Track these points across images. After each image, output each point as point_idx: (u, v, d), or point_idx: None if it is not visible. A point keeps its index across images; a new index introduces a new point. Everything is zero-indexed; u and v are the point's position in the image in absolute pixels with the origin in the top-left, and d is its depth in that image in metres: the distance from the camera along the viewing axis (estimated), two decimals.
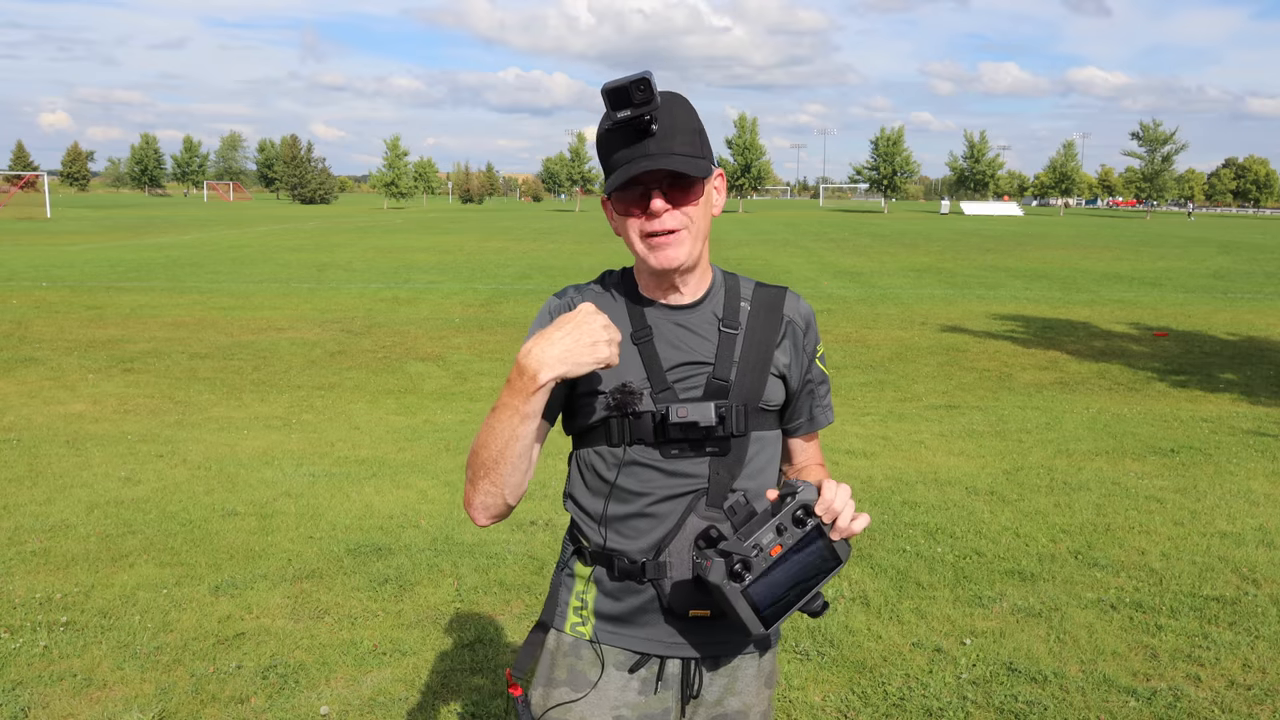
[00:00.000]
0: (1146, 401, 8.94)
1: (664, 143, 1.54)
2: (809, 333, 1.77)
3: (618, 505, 1.66)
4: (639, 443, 1.63)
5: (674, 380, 1.64)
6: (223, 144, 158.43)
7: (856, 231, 45.55)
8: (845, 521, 1.51)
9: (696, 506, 1.64)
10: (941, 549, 5.01)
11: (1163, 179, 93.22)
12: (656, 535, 1.65)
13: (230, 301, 15.91)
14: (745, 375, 1.66)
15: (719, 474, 1.65)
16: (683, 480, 1.64)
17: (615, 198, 1.61)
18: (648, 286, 1.70)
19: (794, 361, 1.73)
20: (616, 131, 1.55)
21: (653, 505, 1.65)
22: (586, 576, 1.71)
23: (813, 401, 1.80)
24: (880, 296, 17.57)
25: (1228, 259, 28.77)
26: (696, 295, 1.70)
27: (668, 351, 1.65)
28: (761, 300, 1.73)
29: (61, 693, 3.52)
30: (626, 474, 1.65)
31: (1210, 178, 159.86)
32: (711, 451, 1.64)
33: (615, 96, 1.50)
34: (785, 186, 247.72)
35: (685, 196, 1.59)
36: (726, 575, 1.48)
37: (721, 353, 1.66)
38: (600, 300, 1.71)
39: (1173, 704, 3.47)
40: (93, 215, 56.89)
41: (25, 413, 8.02)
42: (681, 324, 1.67)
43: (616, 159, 1.57)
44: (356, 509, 5.61)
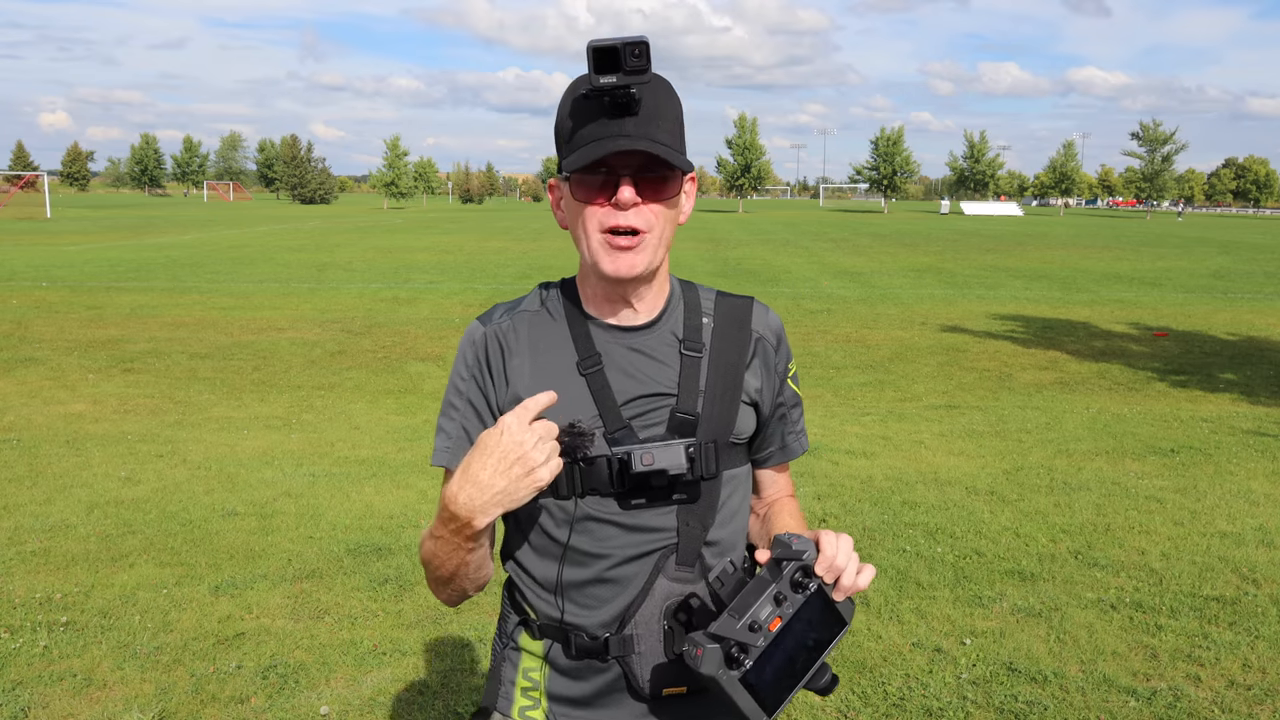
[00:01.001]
0: (1146, 401, 8.94)
1: (645, 125, 1.32)
2: (780, 349, 1.53)
3: (573, 570, 1.42)
4: (593, 494, 1.38)
5: (631, 416, 1.39)
6: (223, 144, 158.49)
7: (856, 231, 45.55)
8: (850, 579, 1.30)
9: (665, 566, 1.40)
10: (941, 549, 5.01)
11: (1163, 179, 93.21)
12: (620, 604, 1.41)
13: (230, 301, 15.91)
14: (714, 406, 1.42)
15: (689, 525, 1.41)
16: (647, 536, 1.40)
17: (576, 180, 1.35)
18: (594, 301, 1.45)
19: (765, 385, 1.50)
20: (593, 100, 1.31)
21: (614, 568, 1.40)
22: (537, 653, 1.47)
23: (785, 428, 1.57)
24: (880, 296, 17.57)
25: (1228, 259, 28.77)
26: (653, 313, 1.45)
27: (622, 382, 1.40)
28: (726, 315, 1.49)
29: (61, 693, 3.52)
30: (580, 532, 1.40)
31: (1210, 178, 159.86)
32: (679, 499, 1.40)
33: (603, 57, 1.26)
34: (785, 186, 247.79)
35: (658, 192, 1.36)
36: (722, 663, 1.24)
37: (685, 381, 1.42)
38: (536, 320, 1.46)
39: (1173, 704, 3.47)
40: (93, 215, 56.89)
41: (25, 413, 8.02)
42: (637, 348, 1.43)
43: (585, 133, 1.33)
44: (356, 509, 5.61)
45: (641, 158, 1.32)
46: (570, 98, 1.35)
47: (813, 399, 8.98)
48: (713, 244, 33.41)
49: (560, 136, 1.38)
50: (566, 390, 1.38)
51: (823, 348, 11.84)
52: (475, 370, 1.45)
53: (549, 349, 1.43)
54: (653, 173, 1.34)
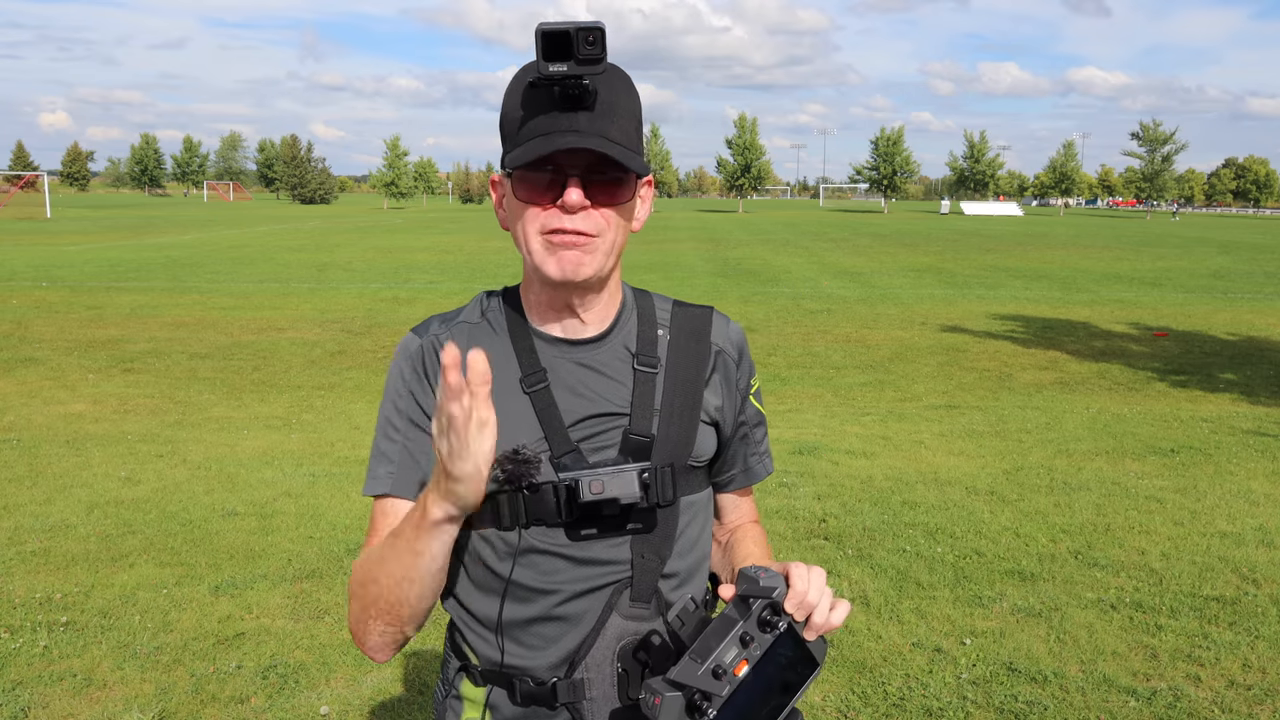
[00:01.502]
0: (1146, 401, 8.94)
1: (597, 121, 1.19)
2: (742, 364, 1.41)
3: (516, 607, 1.29)
4: (538, 524, 1.26)
5: (579, 439, 1.27)
6: (223, 144, 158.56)
7: (856, 231, 45.55)
8: (823, 617, 1.17)
9: (618, 603, 1.28)
10: (941, 549, 5.01)
11: (1163, 179, 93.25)
12: (568, 644, 1.29)
13: (230, 301, 15.91)
14: (670, 426, 1.30)
15: (645, 557, 1.29)
16: (598, 570, 1.28)
17: (519, 177, 1.23)
18: (538, 310, 1.33)
19: (726, 402, 1.38)
20: (541, 91, 1.18)
21: (561, 605, 1.28)
22: (479, 700, 1.34)
23: (747, 449, 1.44)
24: (880, 296, 17.57)
25: (1228, 259, 28.77)
26: (603, 324, 1.33)
27: (569, 401, 1.28)
28: (683, 326, 1.37)
29: (61, 693, 3.52)
30: (524, 565, 1.28)
31: (1210, 178, 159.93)
32: (634, 529, 1.28)
33: (553, 43, 1.13)
34: (785, 186, 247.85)
35: (610, 195, 1.23)
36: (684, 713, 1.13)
37: (639, 399, 1.30)
38: (476, 333, 1.34)
39: (1173, 704, 3.47)
40: (93, 215, 56.90)
41: (25, 413, 8.02)
42: (585, 363, 1.31)
43: (531, 127, 1.20)
44: (356, 509, 5.61)
45: (592, 157, 1.20)
46: (517, 86, 1.22)
47: (812, 399, 8.98)
48: (713, 244, 33.42)
49: (504, 128, 1.25)
50: (509, 410, 1.25)
51: (823, 348, 11.84)
52: (414, 384, 1.32)
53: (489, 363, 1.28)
54: (604, 174, 1.22)
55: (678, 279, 20.16)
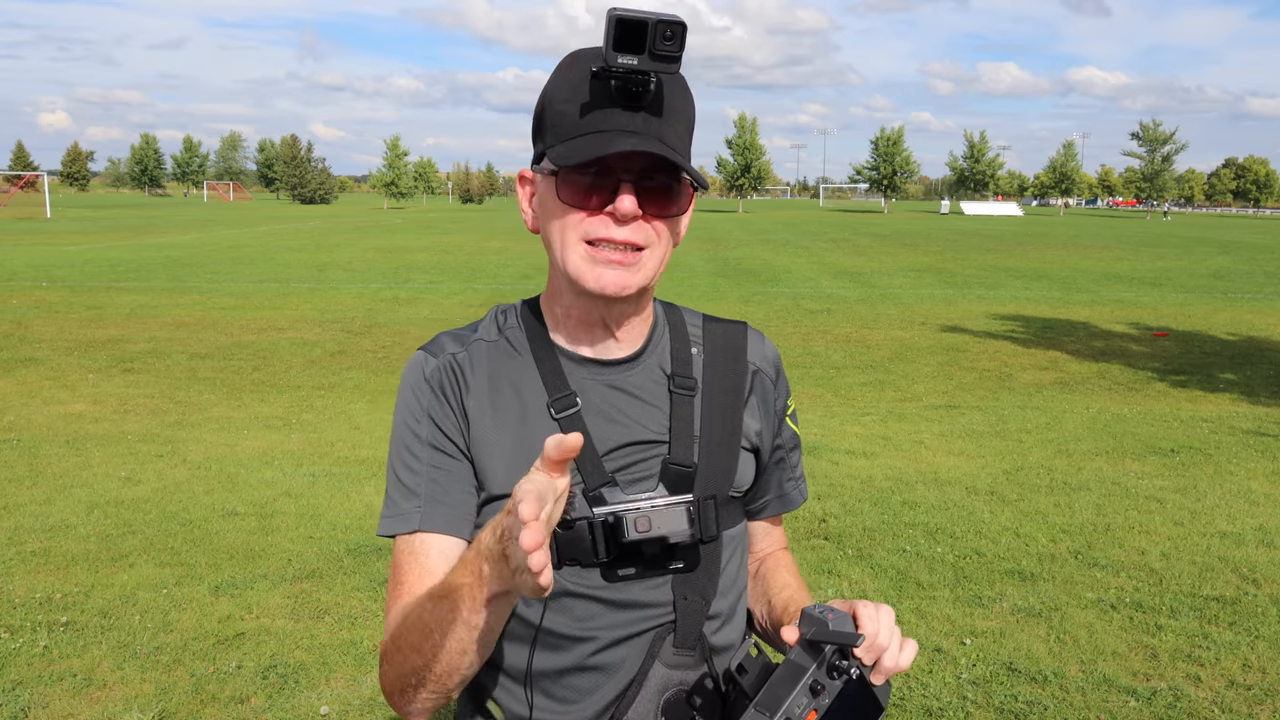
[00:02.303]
0: (1146, 401, 8.94)
1: (659, 125, 1.09)
2: (779, 383, 1.32)
3: (547, 656, 1.17)
4: (572, 564, 1.14)
5: (615, 469, 1.16)
6: (223, 144, 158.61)
7: (856, 231, 45.55)
8: (893, 660, 1.07)
9: (661, 650, 1.17)
10: (941, 549, 5.01)
11: (1163, 179, 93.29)
12: (605, 696, 1.17)
13: (230, 301, 15.91)
14: (712, 455, 1.20)
15: (688, 599, 1.18)
16: (638, 614, 1.16)
17: (565, 177, 1.11)
18: (566, 325, 1.21)
19: (764, 426, 1.28)
20: (600, 82, 1.07)
21: (598, 653, 1.17)
22: None
23: (783, 474, 1.34)
24: (880, 296, 17.57)
25: (1228, 259, 28.77)
26: (636, 344, 1.23)
27: (603, 428, 1.17)
28: (717, 344, 1.27)
29: (61, 693, 3.52)
30: (556, 610, 1.16)
31: (1210, 178, 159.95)
32: (676, 568, 1.17)
33: (627, 32, 1.01)
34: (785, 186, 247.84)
35: (664, 206, 1.13)
36: None
37: (678, 425, 1.19)
38: (495, 352, 1.22)
39: (1173, 704, 3.47)
40: (93, 215, 56.90)
41: (25, 413, 8.02)
42: (619, 386, 1.20)
43: (585, 122, 1.08)
44: (356, 509, 5.61)
45: (648, 161, 1.09)
46: (570, 73, 1.11)
47: (813, 399, 8.98)
48: (713, 244, 33.42)
49: (547, 119, 1.13)
50: (536, 438, 1.13)
51: (823, 348, 11.84)
52: (434, 407, 1.19)
53: (512, 387, 1.19)
54: (658, 181, 1.11)
55: (678, 279, 20.16)
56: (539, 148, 1.17)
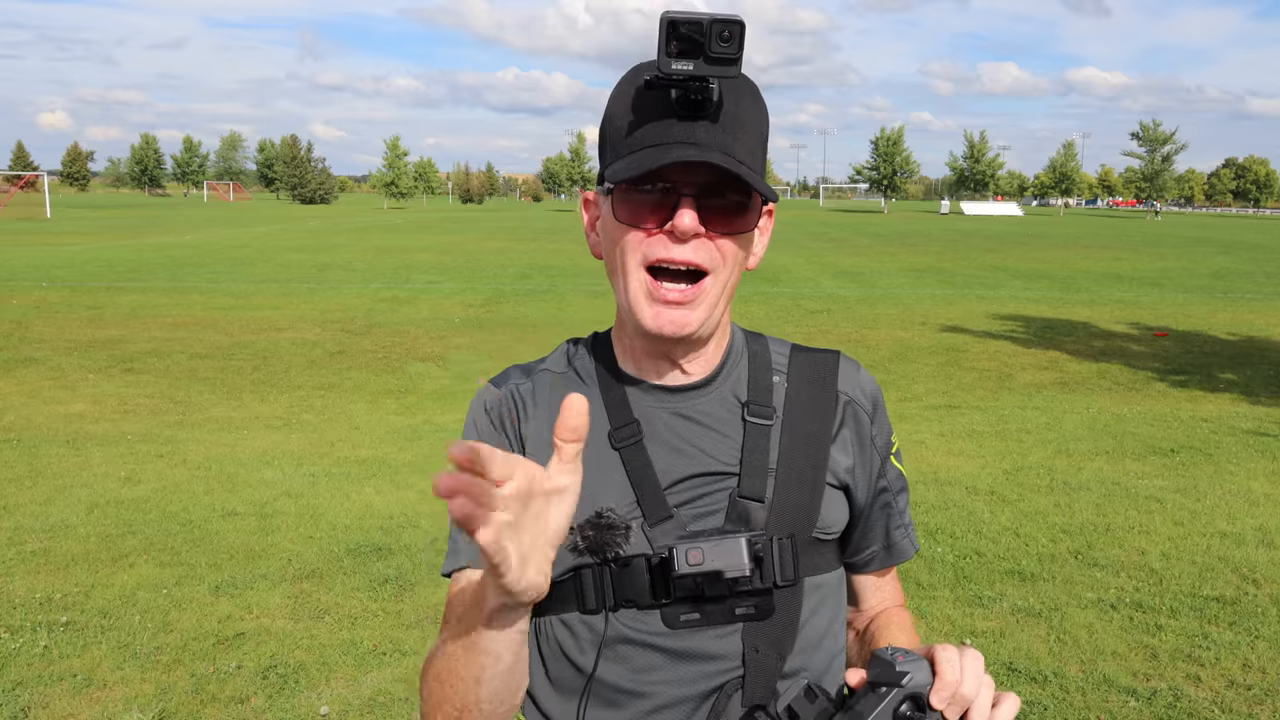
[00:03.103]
0: (1146, 401, 8.94)
1: (721, 135, 1.01)
2: (878, 417, 1.20)
3: (600, 712, 1.07)
4: (628, 605, 1.05)
5: (678, 503, 1.07)
6: (223, 144, 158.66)
7: (856, 231, 45.56)
8: (982, 715, 0.94)
9: (727, 709, 1.04)
10: (941, 549, 5.01)
11: (1163, 179, 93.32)
12: None
13: (230, 301, 15.91)
14: (789, 489, 1.09)
15: (760, 651, 1.05)
16: (702, 667, 1.05)
17: (621, 195, 1.03)
18: (633, 356, 1.14)
19: (859, 463, 1.16)
20: (657, 93, 0.99)
21: (656, 712, 1.06)
22: None
23: (890, 520, 1.21)
24: (880, 296, 17.57)
25: (1228, 259, 28.77)
26: (708, 370, 1.13)
27: (667, 458, 1.09)
28: (804, 373, 1.16)
29: (61, 693, 3.52)
30: (611, 659, 1.06)
31: (1210, 178, 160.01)
32: (745, 615, 1.05)
33: (681, 35, 0.94)
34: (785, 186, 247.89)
35: (729, 222, 1.03)
36: None
37: (750, 456, 1.09)
38: (560, 382, 1.15)
39: (1173, 704, 3.47)
40: (92, 215, 56.91)
41: (25, 413, 8.02)
42: (686, 414, 1.11)
43: (641, 136, 1.01)
44: (356, 509, 5.61)
45: (711, 175, 1.01)
46: (626, 89, 1.04)
47: None
48: None
49: (607, 137, 1.06)
50: (595, 469, 1.04)
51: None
52: (491, 438, 1.12)
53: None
54: (723, 197, 1.03)
55: None
56: (600, 168, 1.09)
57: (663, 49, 0.94)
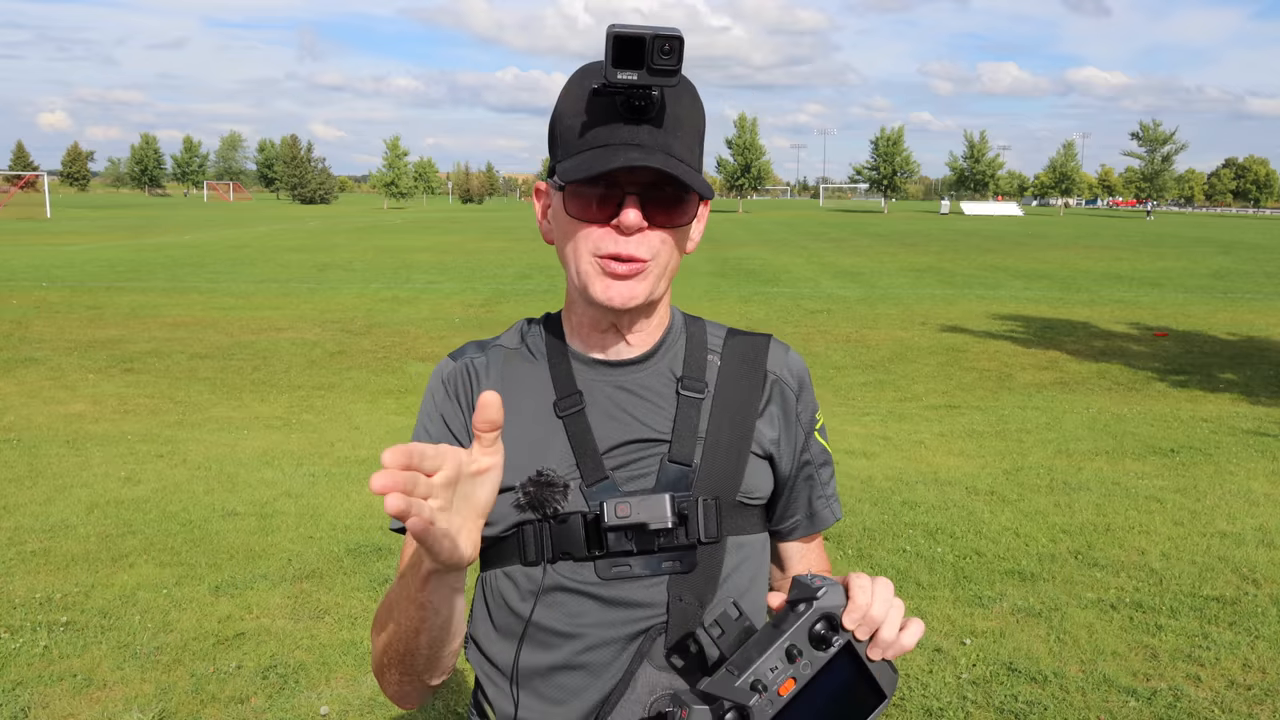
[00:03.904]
0: (1146, 401, 8.94)
1: (662, 137, 1.11)
2: (803, 396, 1.30)
3: (535, 653, 1.17)
4: (565, 558, 1.15)
5: (614, 466, 1.17)
6: (223, 144, 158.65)
7: (856, 231, 45.55)
8: (891, 633, 1.01)
9: (650, 651, 1.14)
10: (941, 549, 5.01)
11: (1163, 179, 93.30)
12: (592, 697, 1.16)
13: (230, 301, 15.91)
14: (716, 456, 1.19)
15: (682, 600, 1.15)
16: (629, 613, 1.15)
17: (572, 192, 1.13)
18: (581, 332, 1.24)
19: (784, 435, 1.27)
20: (604, 99, 1.09)
21: (586, 652, 1.16)
22: None
23: (812, 491, 1.32)
24: (880, 296, 17.57)
25: (1228, 259, 28.77)
26: (647, 346, 1.24)
27: (605, 426, 1.19)
28: (736, 352, 1.27)
29: (61, 693, 3.52)
30: (548, 605, 1.16)
31: (1210, 178, 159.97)
32: (670, 568, 1.15)
33: (625, 48, 1.03)
34: (785, 186, 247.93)
35: (670, 216, 1.14)
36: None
37: (681, 425, 1.19)
38: (512, 357, 1.27)
39: (1173, 704, 3.47)
40: (92, 215, 56.90)
41: (25, 413, 8.02)
42: (625, 386, 1.21)
43: (589, 138, 1.11)
44: (356, 509, 5.61)
45: (653, 175, 1.11)
46: (576, 90, 1.14)
47: None
48: (713, 244, 33.42)
49: (557, 135, 1.16)
50: (540, 435, 1.18)
51: (823, 348, 11.84)
52: (445, 407, 1.24)
53: (524, 388, 1.23)
54: (666, 194, 1.13)
55: (679, 279, 20.11)
56: (551, 162, 1.19)
57: (609, 60, 1.04)
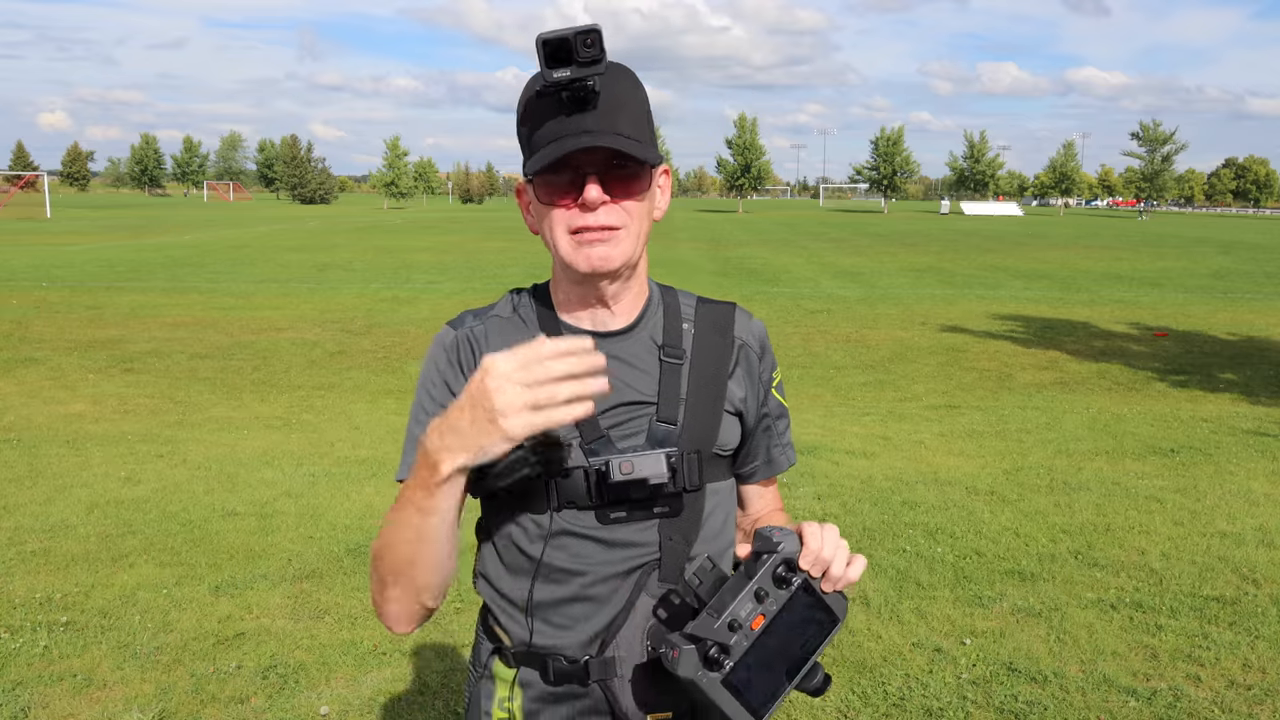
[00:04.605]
0: (1146, 401, 8.94)
1: (606, 119, 1.25)
2: (764, 357, 1.47)
3: (546, 588, 1.35)
4: (569, 507, 1.32)
5: (609, 426, 1.33)
6: (223, 144, 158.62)
7: (856, 231, 45.55)
8: (839, 569, 1.24)
9: (647, 584, 1.33)
10: (941, 549, 5.01)
11: (1163, 179, 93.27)
12: (598, 623, 1.34)
13: (230, 301, 15.91)
14: (696, 415, 1.36)
15: (672, 540, 1.34)
16: (628, 552, 1.33)
17: (539, 182, 1.30)
18: (569, 305, 1.39)
19: (749, 394, 1.44)
20: (548, 97, 1.24)
21: (592, 586, 1.34)
22: (510, 680, 1.39)
23: (770, 440, 1.50)
24: (880, 296, 17.57)
25: (1228, 259, 28.77)
26: (630, 317, 1.39)
27: None
28: (707, 320, 1.44)
29: (61, 693, 3.52)
30: (556, 548, 1.33)
31: (1210, 178, 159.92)
32: (661, 513, 1.34)
33: (553, 50, 1.18)
34: (785, 186, 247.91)
35: (627, 188, 1.29)
36: (701, 665, 1.18)
37: (665, 388, 1.36)
38: (506, 328, 1.40)
39: (1173, 704, 3.47)
40: (92, 215, 56.90)
41: (25, 413, 8.02)
42: (614, 354, 1.35)
43: (544, 133, 1.26)
44: (356, 509, 5.61)
45: (606, 153, 1.26)
46: (525, 97, 1.29)
47: (812, 399, 8.98)
48: (713, 244, 33.42)
49: (521, 138, 1.32)
50: None
51: (823, 348, 11.84)
52: (448, 374, 1.39)
53: None
54: (620, 168, 1.28)
55: (679, 278, 20.16)
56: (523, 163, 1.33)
57: (542, 63, 1.19)
